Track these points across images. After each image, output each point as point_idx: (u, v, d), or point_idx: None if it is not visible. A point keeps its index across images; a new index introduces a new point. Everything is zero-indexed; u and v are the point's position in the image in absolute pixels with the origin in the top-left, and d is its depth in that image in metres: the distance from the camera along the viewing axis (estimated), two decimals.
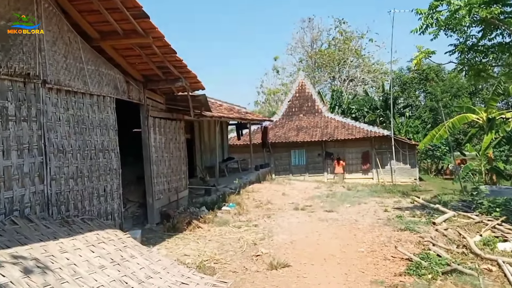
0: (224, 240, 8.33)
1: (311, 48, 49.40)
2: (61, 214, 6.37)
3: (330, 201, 12.97)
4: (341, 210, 11.42)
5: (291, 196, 14.04)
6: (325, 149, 27.42)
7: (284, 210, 11.42)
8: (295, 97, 30.33)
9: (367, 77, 48.75)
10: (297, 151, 27.82)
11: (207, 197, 12.41)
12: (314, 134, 27.32)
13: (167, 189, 9.93)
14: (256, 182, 17.57)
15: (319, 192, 15.23)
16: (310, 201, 13.10)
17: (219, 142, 19.88)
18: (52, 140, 6.34)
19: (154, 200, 9.28)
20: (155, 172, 9.32)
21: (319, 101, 30.20)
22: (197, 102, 9.82)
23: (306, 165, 27.70)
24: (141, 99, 9.04)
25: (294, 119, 29.63)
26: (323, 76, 49.53)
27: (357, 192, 15.18)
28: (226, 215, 10.54)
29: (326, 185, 18.39)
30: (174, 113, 10.38)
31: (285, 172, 27.58)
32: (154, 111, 9.52)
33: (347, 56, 47.97)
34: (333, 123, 28.54)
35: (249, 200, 12.98)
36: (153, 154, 9.27)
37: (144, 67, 8.74)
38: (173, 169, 10.21)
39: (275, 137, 27.41)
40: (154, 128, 9.39)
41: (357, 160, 27.61)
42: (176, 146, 10.41)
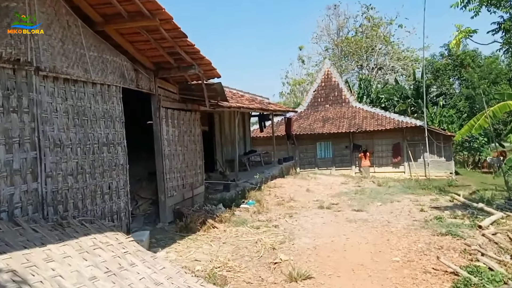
0: (240, 242, 7.65)
1: (337, 36, 47.94)
2: (58, 214, 5.82)
3: (359, 198, 12.08)
4: (371, 209, 10.54)
5: (316, 193, 13.23)
6: (353, 141, 26.35)
7: (308, 209, 10.64)
8: (321, 86, 29.29)
9: (397, 65, 46.97)
10: (323, 144, 26.86)
11: (226, 193, 11.77)
12: (341, 125, 26.28)
13: (181, 185, 9.32)
14: (279, 176, 16.82)
15: (347, 188, 14.34)
16: (337, 198, 12.26)
17: (240, 134, 19.22)
18: (48, 133, 5.78)
19: (167, 197, 8.68)
20: (167, 167, 8.71)
21: (346, 91, 29.05)
22: (212, 91, 9.12)
23: (333, 158, 26.72)
24: (151, 89, 8.41)
25: (320, 110, 28.63)
26: (350, 65, 48.03)
27: (389, 188, 14.20)
28: (245, 214, 9.85)
29: (354, 180, 17.44)
30: (189, 104, 9.73)
31: (310, 165, 26.71)
32: (166, 101, 8.89)
33: (375, 43, 46.28)
34: (361, 113, 27.40)
35: (270, 197, 12.25)
36: (165, 148, 8.65)
37: (154, 53, 8.09)
38: (187, 164, 9.59)
39: (300, 128, 26.54)
40: (166, 120, 8.77)
41: (387, 152, 26.43)
42: (191, 139, 9.77)
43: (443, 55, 43.10)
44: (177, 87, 9.29)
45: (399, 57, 47.19)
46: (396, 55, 47.18)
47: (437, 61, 42.23)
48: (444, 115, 33.38)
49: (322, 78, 29.44)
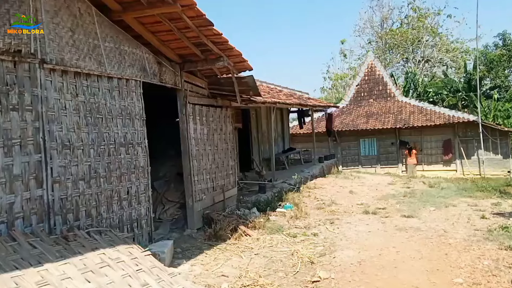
0: (274, 254, 6.75)
1: (381, 28, 45.72)
2: (68, 224, 5.18)
3: (409, 202, 10.83)
4: (424, 215, 9.30)
5: (360, 195, 12.08)
6: (400, 137, 24.70)
7: (351, 214, 9.56)
8: (364, 80, 27.76)
9: (445, 57, 44.19)
10: (367, 140, 25.40)
11: (261, 195, 10.91)
12: (386, 120, 24.72)
13: (211, 188, 8.54)
14: (319, 176, 15.75)
15: (394, 190, 13.06)
16: (384, 201, 11.06)
17: (278, 131, 18.32)
18: (55, 134, 5.14)
19: (195, 201, 7.92)
20: (195, 169, 7.95)
21: (391, 84, 27.36)
22: (243, 85, 8.27)
23: (378, 155, 25.20)
24: (177, 83, 7.67)
25: (363, 105, 27.14)
26: (395, 58, 45.71)
27: (442, 190, 12.78)
28: (281, 219, 8.95)
29: (401, 180, 16.05)
30: (219, 99, 8.94)
31: (353, 163, 25.36)
32: (194, 97, 8.13)
33: (422, 35, 43.72)
34: (408, 108, 25.68)
35: (309, 199, 11.26)
36: (192, 148, 7.90)
37: (178, 45, 7.32)
38: (218, 165, 8.80)
39: (342, 124, 25.23)
40: (194, 117, 8.01)
41: (436, 150, 24.59)
42: (222, 138, 8.97)
43: (497, 46, 40.01)
44: (206, 82, 8.51)
45: (448, 49, 44.38)
46: (445, 46, 44.38)
47: (491, 52, 39.19)
48: (499, 109, 30.88)
49: (366, 72, 27.89)
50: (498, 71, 38.38)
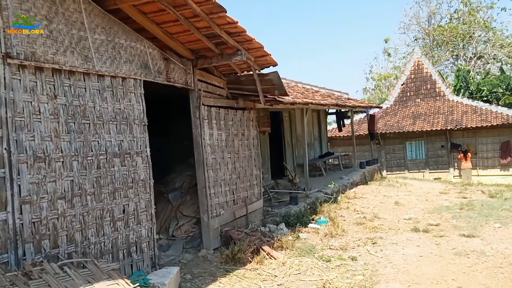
0: (301, 285, 5.47)
1: (428, 24, 42.81)
2: (43, 253, 4.20)
3: (467, 216, 9.10)
4: (488, 235, 7.63)
5: (407, 206, 10.45)
6: (451, 139, 22.44)
7: (397, 231, 8.04)
8: (410, 79, 25.64)
9: (500, 52, 40.66)
10: (413, 143, 23.32)
11: (292, 207, 9.62)
12: (435, 121, 22.54)
13: (231, 201, 7.38)
14: (360, 183, 14.19)
15: (448, 200, 11.29)
16: (436, 215, 9.40)
17: (315, 135, 16.91)
18: (25, 144, 4.18)
19: (211, 217, 6.79)
20: (211, 180, 6.83)
21: (440, 82, 25.05)
22: (267, 83, 7.05)
23: (426, 159, 23.04)
24: (188, 82, 6.58)
25: (409, 105, 25.04)
26: (444, 55, 42.70)
27: (505, 200, 10.85)
28: (313, 237, 7.63)
29: (455, 187, 14.13)
30: (240, 101, 7.76)
31: (399, 168, 23.36)
32: (210, 98, 7.01)
33: (474, 30, 40.49)
34: (460, 107, 23.33)
35: (348, 212, 9.82)
36: (208, 156, 6.78)
37: (189, 38, 6.24)
38: (239, 174, 7.62)
39: (386, 126, 23.33)
40: (209, 121, 6.90)
41: (493, 153, 22.08)
42: (244, 144, 7.79)
43: None
44: (224, 81, 7.37)
45: (503, 44, 40.85)
46: (499, 42, 40.88)
47: None
48: None
49: (412, 70, 25.76)
50: None
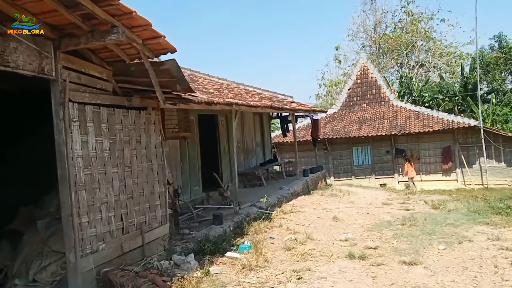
0: None
1: (375, 32, 42.80)
2: None
3: (408, 234, 7.74)
4: (431, 260, 6.24)
5: (347, 222, 9.00)
6: (395, 145, 21.68)
7: (331, 258, 6.49)
8: (356, 84, 24.80)
9: (440, 61, 41.35)
10: (360, 148, 22.38)
11: (216, 227, 7.89)
12: (380, 127, 21.72)
13: (118, 230, 5.50)
14: (302, 193, 12.72)
15: (390, 213, 9.97)
16: (376, 233, 7.98)
17: (257, 141, 15.31)
18: None
19: (82, 255, 4.87)
20: (83, 204, 4.92)
21: (385, 87, 24.39)
22: (164, 74, 5.25)
23: (372, 165, 22.15)
24: (46, 70, 4.64)
25: (356, 110, 24.15)
26: (389, 63, 42.87)
27: (449, 213, 9.67)
28: (228, 271, 5.90)
29: (399, 197, 12.98)
30: (136, 98, 5.89)
31: (346, 174, 22.32)
32: (84, 92, 5.11)
33: (416, 39, 40.93)
34: (403, 113, 22.68)
35: (280, 231, 8.22)
36: (79, 171, 4.88)
37: (39, 5, 4.25)
38: (132, 194, 5.76)
39: (333, 131, 22.24)
40: (82, 124, 4.99)
41: (435, 158, 21.57)
42: (140, 154, 5.93)
43: (492, 48, 37.19)
44: (108, 71, 5.47)
45: (442, 54, 41.63)
46: (439, 51, 41.59)
47: (487, 54, 36.21)
48: (497, 114, 28.06)
49: (358, 74, 24.95)
50: (495, 74, 35.42)
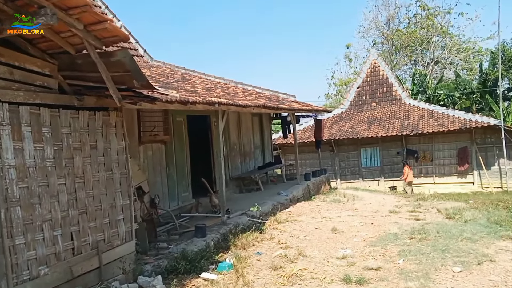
0: None
1: (387, 28, 41.47)
2: None
3: (417, 251, 6.77)
4: (444, 286, 5.29)
5: (347, 235, 8.05)
6: (407, 145, 20.57)
7: (323, 282, 5.56)
8: (366, 82, 23.73)
9: (457, 58, 39.79)
10: (368, 150, 21.32)
11: (197, 240, 7.06)
12: (391, 127, 20.63)
13: (67, 251, 4.70)
14: (302, 199, 11.81)
15: (397, 223, 8.99)
16: (380, 249, 7.02)
17: (256, 143, 14.43)
18: None
19: (17, 282, 4.09)
20: (18, 223, 4.13)
21: (397, 85, 23.25)
22: (117, 67, 4.43)
23: (381, 167, 21.07)
24: None
25: (365, 109, 23.08)
26: (403, 60, 41.46)
27: (465, 224, 8.61)
28: None
29: (408, 202, 11.97)
30: (90, 97, 5.06)
31: (353, 176, 21.29)
32: (17, 90, 4.31)
33: (431, 35, 39.45)
34: (416, 112, 21.53)
35: (270, 245, 7.34)
36: (11, 184, 4.09)
37: None
38: (86, 208, 4.95)
39: (340, 132, 21.23)
40: (14, 128, 4.20)
41: (450, 159, 20.38)
42: (97, 162, 5.12)
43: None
44: (52, 65, 4.66)
45: (459, 49, 40.00)
46: (456, 47, 40.01)
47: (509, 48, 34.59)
48: None
49: (368, 72, 23.86)
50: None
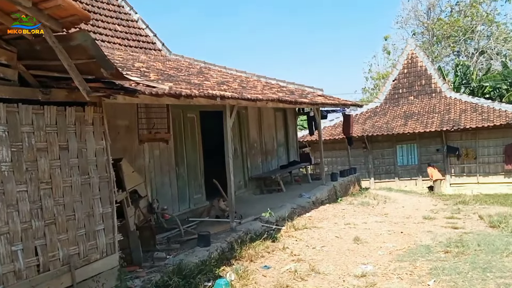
0: None
1: (428, 18, 39.05)
2: None
3: (453, 268, 5.66)
4: None
5: (371, 245, 7.01)
6: (447, 142, 18.92)
7: None
8: (403, 74, 22.15)
9: (504, 48, 36.83)
10: (404, 147, 19.84)
11: (200, 250, 6.32)
12: (430, 122, 19.05)
13: (30, 268, 4.06)
14: (327, 201, 10.83)
15: (431, 232, 7.81)
16: (408, 265, 5.96)
17: (280, 140, 13.55)
18: None
19: None
20: None
21: (437, 77, 21.51)
22: (79, 53, 3.72)
23: (419, 165, 19.54)
24: None
25: (401, 103, 21.56)
26: (444, 51, 38.90)
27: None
28: None
29: (446, 206, 10.68)
30: (60, 91, 4.38)
31: (388, 175, 19.90)
32: None
33: (476, 23, 36.72)
34: (458, 105, 19.78)
35: (281, 256, 6.47)
36: None
37: None
38: (56, 219, 4.29)
39: (374, 128, 19.88)
40: None
41: (495, 157, 18.51)
42: (70, 165, 4.44)
43: None
44: (10, 52, 3.99)
45: (507, 38, 37.01)
46: (503, 35, 37.05)
47: None
48: None
49: (405, 63, 22.27)
50: None
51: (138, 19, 12.47)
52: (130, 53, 10.78)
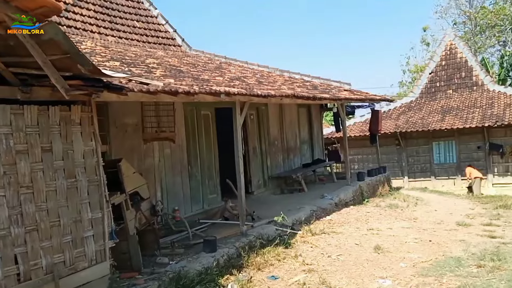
0: None
1: (470, 6, 36.79)
2: None
3: (485, 286, 4.97)
4: None
5: (393, 255, 6.38)
6: (489, 139, 17.59)
7: None
8: (440, 66, 20.85)
9: None
10: (442, 144, 18.66)
11: (205, 256, 5.97)
12: (470, 117, 17.80)
13: (10, 277, 3.81)
14: (352, 203, 10.22)
15: (464, 241, 7.03)
16: (433, 281, 5.26)
17: (304, 137, 13.01)
18: None
19: None
20: None
21: (478, 69, 20.07)
22: (52, 48, 3.40)
23: (458, 163, 18.31)
24: None
25: (439, 97, 20.30)
26: (489, 41, 36.53)
27: None
28: None
29: (485, 210, 9.77)
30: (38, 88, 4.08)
31: (424, 174, 18.81)
32: None
33: None
34: (502, 99, 18.35)
35: (292, 266, 6.00)
36: None
37: None
38: (38, 225, 4.04)
39: (408, 124, 18.84)
40: None
41: None
42: (52, 168, 4.17)
43: None
44: None
45: None
46: None
47: None
48: None
49: (443, 55, 20.96)
50: None
51: (157, 15, 12.30)
52: (148, 49, 10.59)
